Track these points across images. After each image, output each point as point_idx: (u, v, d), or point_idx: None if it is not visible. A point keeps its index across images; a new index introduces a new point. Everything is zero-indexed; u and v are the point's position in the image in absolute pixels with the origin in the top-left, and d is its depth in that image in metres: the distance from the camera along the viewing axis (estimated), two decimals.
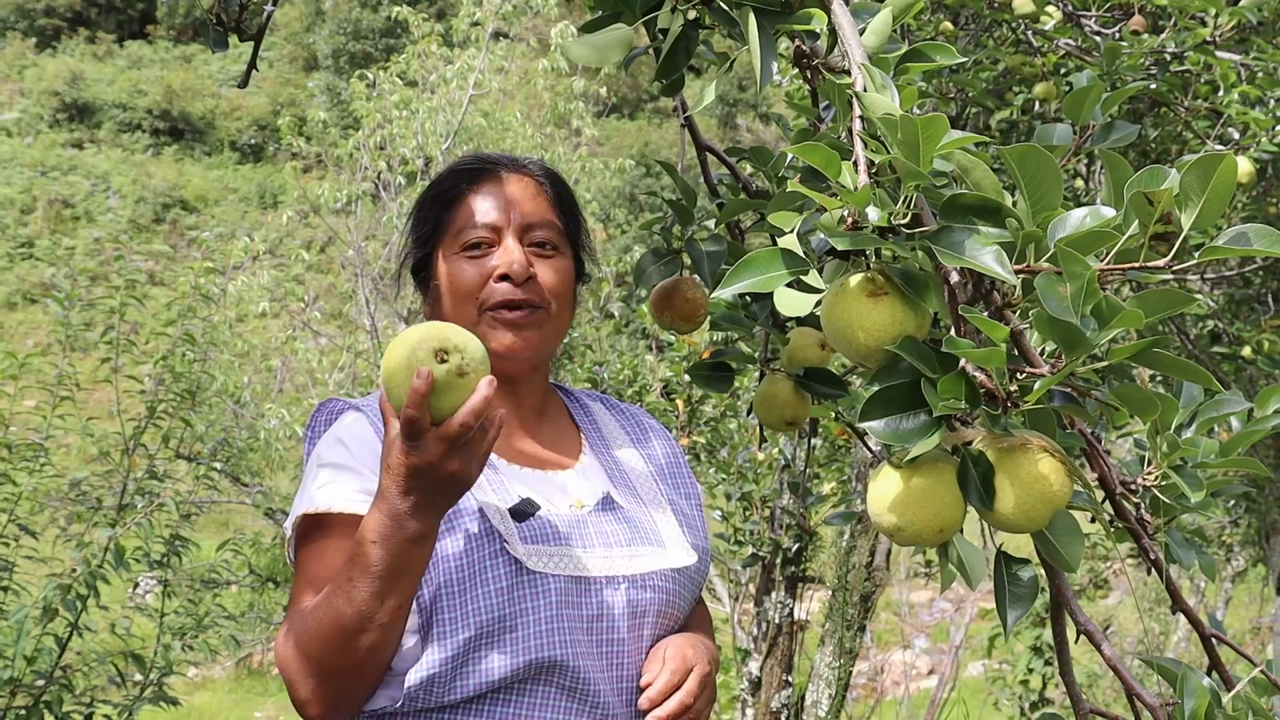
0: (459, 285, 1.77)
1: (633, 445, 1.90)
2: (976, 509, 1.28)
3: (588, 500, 1.76)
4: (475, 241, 1.77)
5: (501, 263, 1.75)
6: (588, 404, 1.95)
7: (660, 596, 1.72)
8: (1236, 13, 3.41)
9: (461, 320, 1.73)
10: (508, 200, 1.80)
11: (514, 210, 1.80)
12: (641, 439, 1.93)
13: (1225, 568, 8.70)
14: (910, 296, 1.27)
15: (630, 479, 1.84)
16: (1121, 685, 1.34)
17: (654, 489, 1.84)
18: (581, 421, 1.91)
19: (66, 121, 27.94)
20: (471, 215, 1.79)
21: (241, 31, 1.88)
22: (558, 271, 1.80)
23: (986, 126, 4.32)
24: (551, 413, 1.89)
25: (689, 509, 1.87)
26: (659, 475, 1.88)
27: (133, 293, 5.26)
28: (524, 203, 1.81)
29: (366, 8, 28.66)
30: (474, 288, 1.76)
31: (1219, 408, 1.51)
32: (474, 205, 1.79)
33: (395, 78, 10.74)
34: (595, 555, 1.67)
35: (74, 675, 4.47)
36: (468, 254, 1.77)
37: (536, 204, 1.82)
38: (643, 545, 1.73)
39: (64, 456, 7.52)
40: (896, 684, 9.49)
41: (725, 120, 27.45)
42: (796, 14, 1.48)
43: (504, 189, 1.81)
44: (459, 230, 1.79)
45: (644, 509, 1.80)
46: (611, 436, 1.90)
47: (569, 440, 1.87)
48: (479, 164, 1.85)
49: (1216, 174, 1.14)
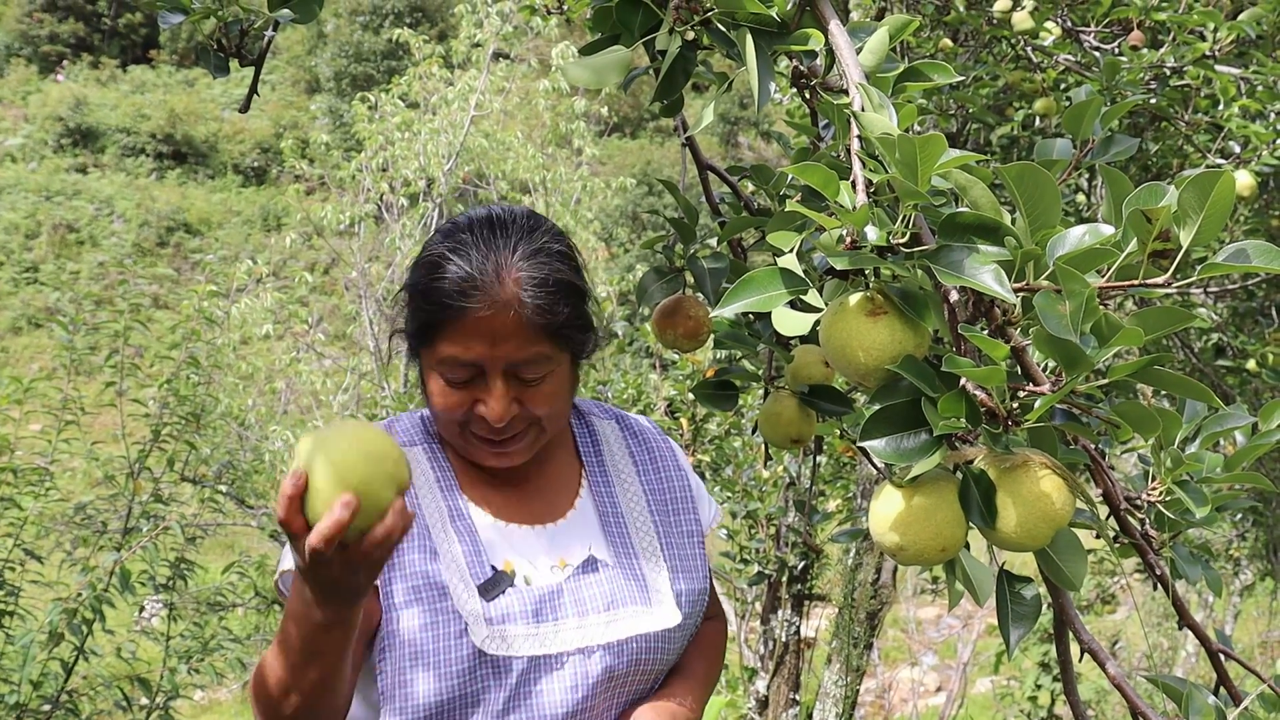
0: (441, 405, 1.69)
1: (637, 476, 1.86)
2: (978, 528, 1.28)
3: (572, 559, 1.73)
4: (459, 376, 1.66)
5: (482, 406, 1.66)
6: (597, 427, 1.90)
7: (638, 659, 1.70)
8: (1235, 27, 3.42)
9: (445, 430, 1.71)
10: (492, 336, 1.63)
11: (498, 348, 1.64)
12: (649, 466, 1.88)
13: (1233, 582, 8.66)
14: (909, 315, 1.27)
15: (625, 523, 1.79)
16: None
17: (649, 534, 1.80)
18: (585, 453, 1.86)
19: (70, 146, 28.03)
20: (454, 348, 1.65)
21: (242, 57, 1.88)
22: (548, 393, 1.69)
23: (987, 142, 4.33)
24: (555, 447, 1.84)
25: (688, 547, 1.82)
26: (661, 509, 1.83)
27: (137, 316, 5.28)
28: (510, 339, 1.64)
29: (368, 30, 28.76)
30: (456, 412, 1.68)
31: (1223, 422, 1.51)
32: (457, 338, 1.64)
33: (397, 99, 10.79)
34: (568, 626, 1.66)
35: (80, 700, 4.46)
36: (451, 378, 1.67)
37: (522, 337, 1.65)
38: (624, 607, 1.71)
39: (69, 480, 7.53)
40: (904, 701, 9.45)
41: (727, 138, 27.49)
42: (793, 34, 1.48)
43: (490, 324, 1.63)
44: (441, 359, 1.66)
45: (633, 561, 1.76)
46: (615, 469, 1.86)
47: (567, 480, 1.82)
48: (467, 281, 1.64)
49: (1214, 191, 1.14)
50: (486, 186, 11.32)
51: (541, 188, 10.82)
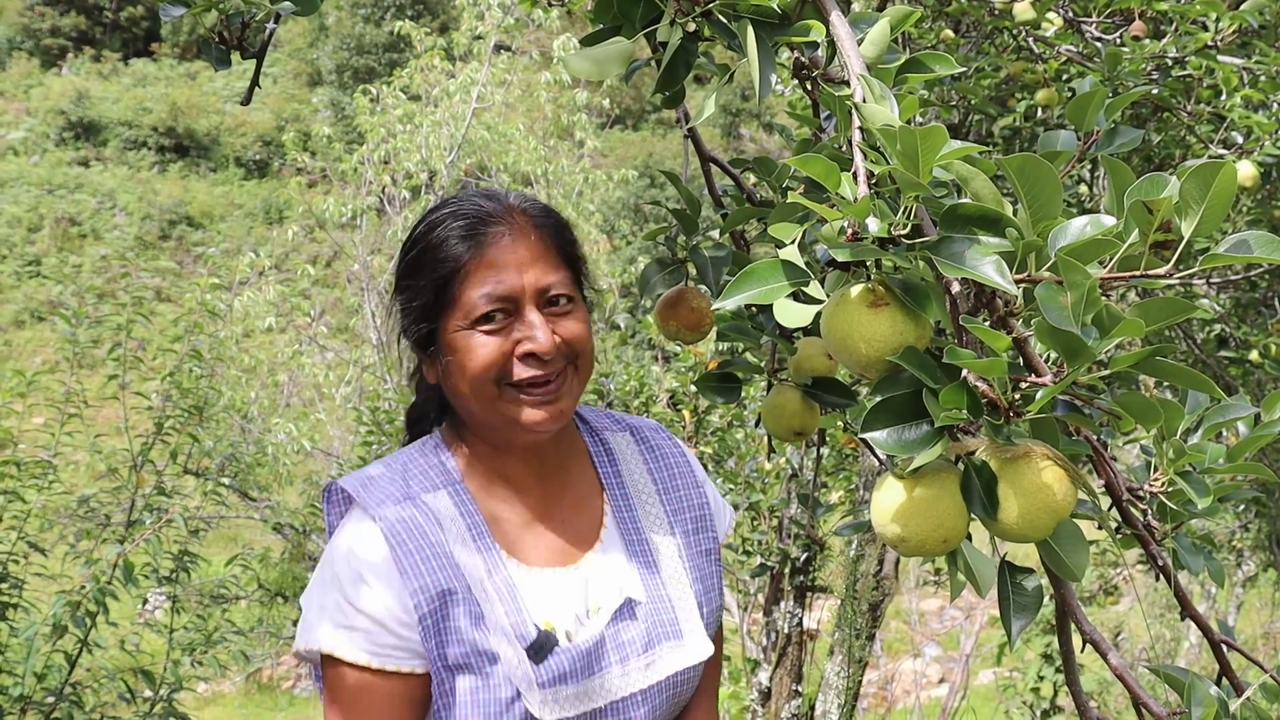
0: (478, 364, 1.59)
1: (658, 496, 1.81)
2: (980, 519, 1.28)
3: (605, 602, 1.69)
4: (490, 314, 1.60)
5: (527, 342, 1.60)
6: (612, 443, 1.83)
7: (674, 693, 1.71)
8: (1237, 17, 3.41)
9: (478, 398, 1.61)
10: (518, 263, 1.61)
11: (526, 274, 1.61)
12: (668, 484, 1.82)
13: (1236, 573, 8.67)
14: (911, 307, 1.27)
15: (650, 550, 1.75)
16: None
17: (674, 559, 1.76)
18: (604, 473, 1.79)
19: (72, 140, 28.04)
20: (483, 287, 1.60)
21: (244, 49, 1.88)
22: (580, 322, 1.65)
23: (989, 134, 4.32)
24: (574, 466, 1.77)
25: (708, 565, 1.80)
26: (683, 529, 1.80)
27: (140, 309, 5.28)
28: (535, 264, 1.62)
29: (369, 23, 28.73)
30: (495, 366, 1.59)
31: (1225, 413, 1.51)
32: (483, 275, 1.60)
33: (399, 92, 10.79)
34: (612, 676, 1.65)
35: (84, 692, 4.47)
36: (482, 328, 1.60)
37: (547, 261, 1.64)
38: (660, 645, 1.70)
39: (72, 473, 7.53)
40: (907, 693, 9.46)
41: (729, 130, 27.47)
42: (795, 25, 1.48)
43: (513, 250, 1.61)
44: (469, 305, 1.60)
45: (662, 593, 1.73)
46: (636, 490, 1.80)
47: (591, 503, 1.77)
48: (476, 218, 1.64)
49: (1216, 181, 1.14)
50: (488, 179, 11.32)
51: (543, 180, 10.81)
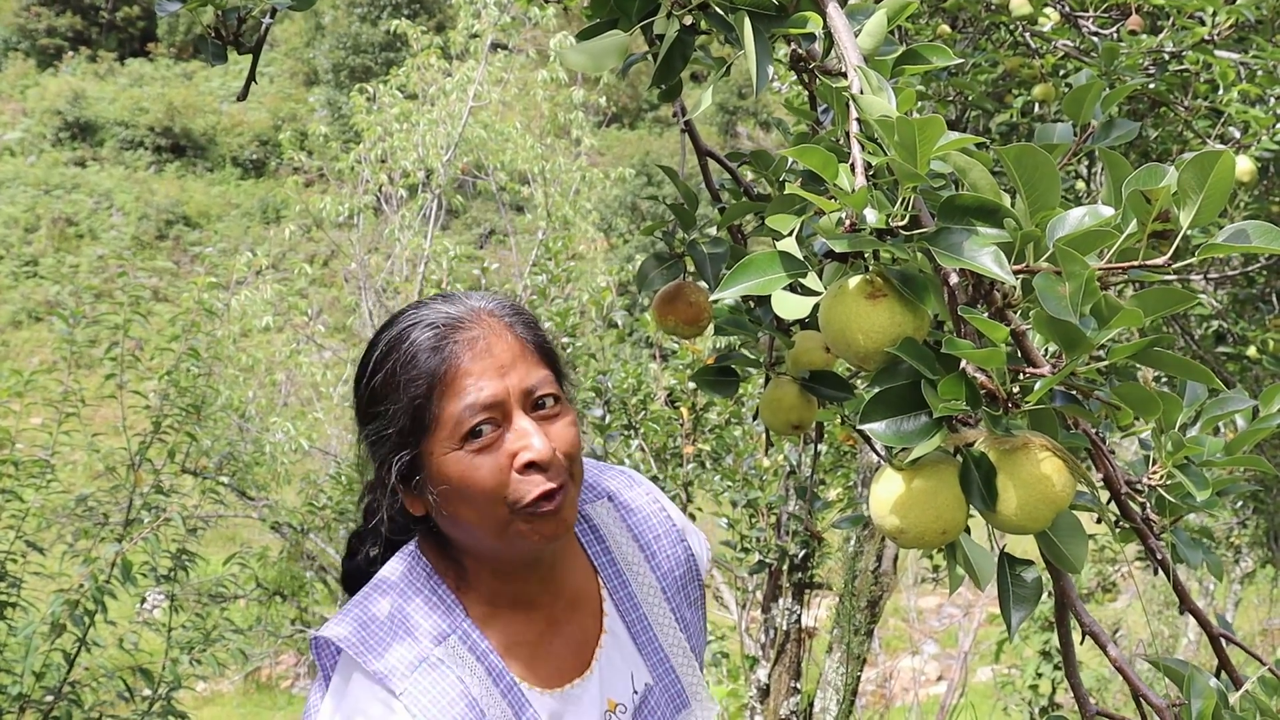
0: (480, 488, 1.48)
1: (647, 564, 1.73)
2: (979, 510, 1.28)
3: (622, 697, 1.64)
4: (477, 428, 1.48)
5: (524, 452, 1.48)
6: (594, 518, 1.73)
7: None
8: (1234, 11, 3.41)
9: (490, 522, 1.50)
10: (498, 367, 1.50)
11: (509, 378, 1.50)
12: (653, 547, 1.75)
13: (1234, 569, 8.67)
14: (909, 298, 1.27)
15: (651, 626, 1.70)
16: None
17: (673, 630, 1.71)
18: (594, 553, 1.71)
19: (69, 140, 28.02)
20: (464, 398, 1.47)
21: (240, 45, 1.88)
22: (570, 426, 1.54)
23: (986, 129, 4.32)
24: (568, 556, 1.68)
25: (695, 616, 1.77)
26: (673, 590, 1.74)
27: (137, 309, 5.28)
28: (515, 366, 1.51)
29: (366, 22, 28.72)
30: (499, 486, 1.47)
31: (1223, 406, 1.51)
32: (462, 386, 1.48)
33: (395, 91, 10.78)
34: None
35: (82, 691, 4.47)
36: (473, 445, 1.48)
37: (526, 360, 1.53)
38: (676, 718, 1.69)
39: (70, 473, 7.53)
40: (905, 690, 9.47)
41: (726, 128, 27.48)
42: (792, 17, 1.48)
43: (490, 353, 1.50)
44: (453, 422, 1.47)
45: (668, 668, 1.70)
46: (627, 564, 1.72)
47: (588, 593, 1.69)
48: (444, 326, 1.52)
49: (1214, 171, 1.14)
50: (485, 177, 11.31)
51: (540, 178, 10.81)
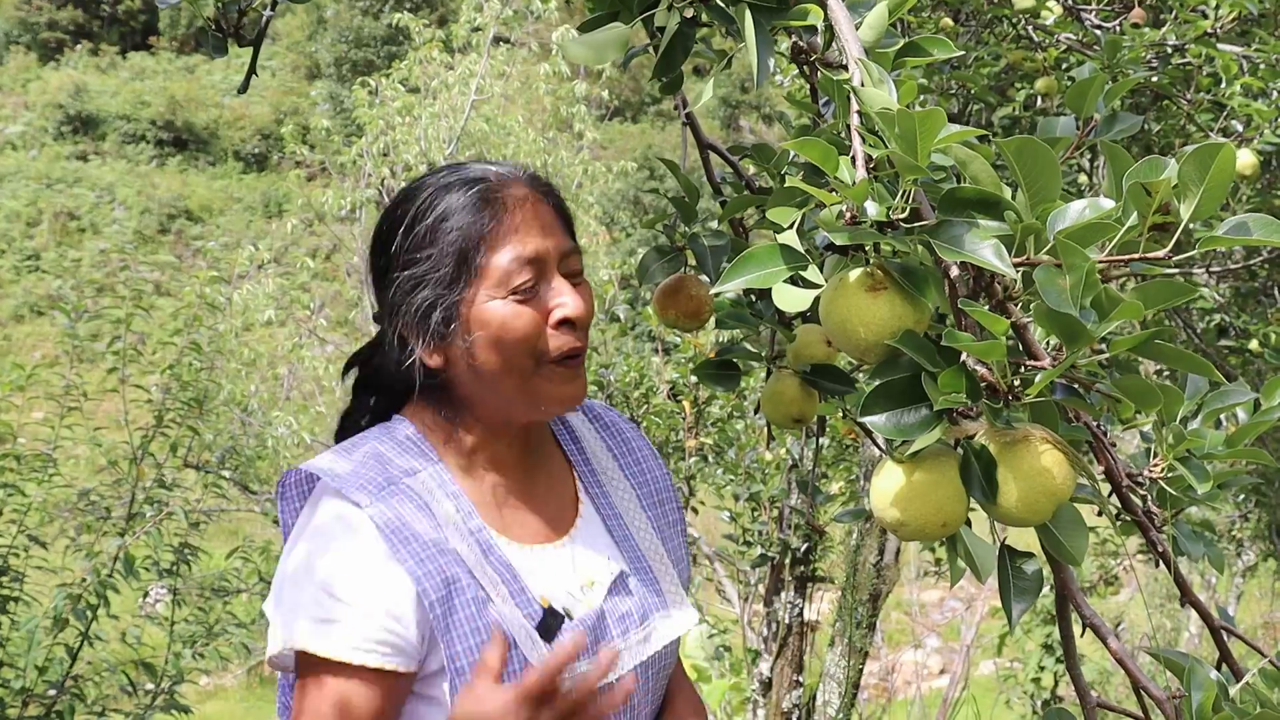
0: (517, 336, 1.52)
1: (622, 473, 1.78)
2: (979, 503, 1.28)
3: (599, 576, 1.66)
4: (526, 283, 1.52)
5: (560, 308, 1.54)
6: (571, 420, 1.79)
7: (664, 665, 1.71)
8: (1237, 4, 3.40)
9: (514, 374, 1.54)
10: (541, 227, 1.55)
11: (549, 239, 1.55)
12: (628, 459, 1.80)
13: (1235, 562, 8.67)
14: (910, 291, 1.27)
15: (626, 526, 1.73)
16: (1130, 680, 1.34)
17: (649, 533, 1.75)
18: (570, 452, 1.76)
19: (71, 134, 28.01)
20: (517, 251, 1.52)
21: (240, 37, 1.88)
22: (591, 297, 1.60)
23: (988, 123, 4.32)
24: (546, 447, 1.73)
25: (675, 538, 1.79)
26: (650, 504, 1.78)
27: (139, 303, 5.28)
28: (554, 230, 1.57)
29: (368, 15, 28.71)
30: (534, 336, 1.53)
31: (1225, 399, 1.50)
32: (514, 239, 1.53)
33: (397, 84, 10.76)
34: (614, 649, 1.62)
35: (85, 685, 4.48)
36: (517, 296, 1.52)
37: (561, 229, 1.59)
38: (652, 616, 1.68)
39: (73, 467, 7.54)
40: (908, 684, 9.47)
41: (727, 122, 27.44)
42: (793, 9, 1.48)
43: (536, 215, 1.56)
44: (501, 271, 1.52)
45: (644, 565, 1.72)
46: (602, 469, 1.77)
47: (564, 481, 1.73)
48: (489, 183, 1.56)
49: (1215, 164, 1.14)
50: None
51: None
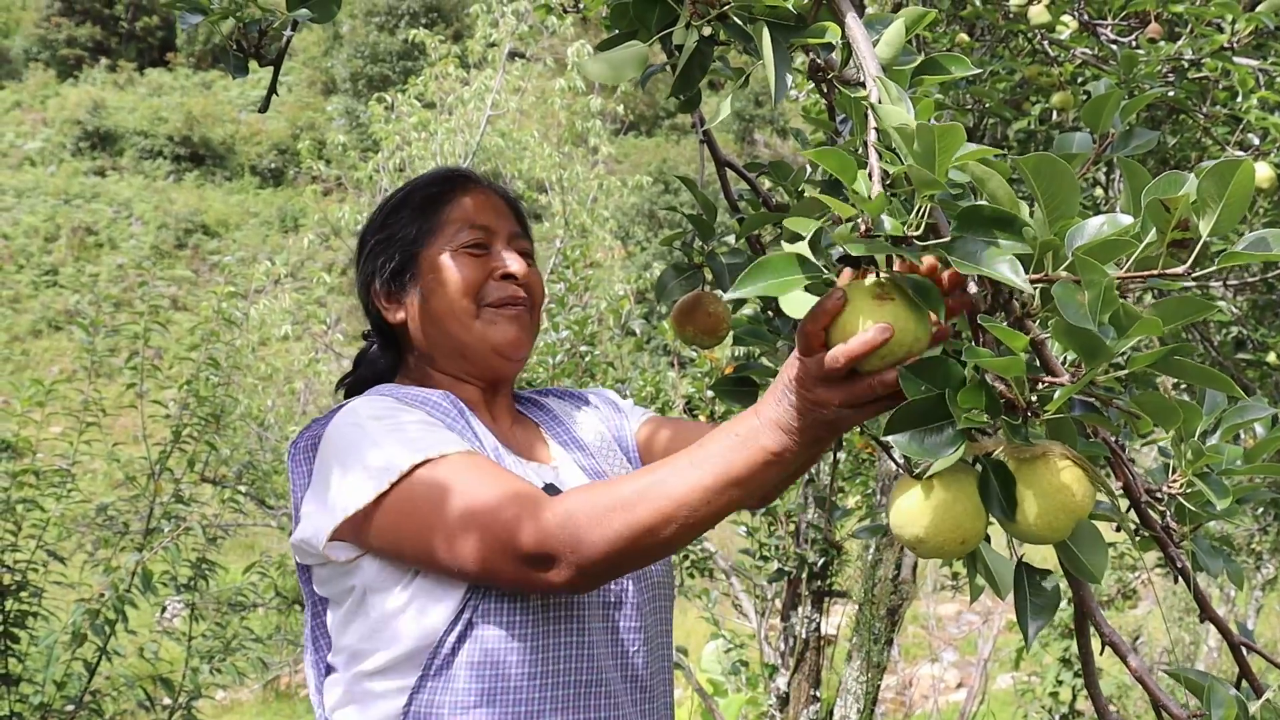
0: (462, 280, 1.82)
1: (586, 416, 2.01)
2: (998, 520, 1.27)
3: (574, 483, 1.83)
4: (474, 241, 1.85)
5: (503, 267, 1.85)
6: (536, 401, 2.03)
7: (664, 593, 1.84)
8: (1254, 18, 3.40)
9: (458, 315, 1.82)
10: (494, 210, 1.90)
11: (500, 220, 1.90)
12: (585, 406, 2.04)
13: (1255, 576, 8.61)
14: (917, 303, 1.27)
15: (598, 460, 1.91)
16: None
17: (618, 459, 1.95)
18: (535, 416, 1.98)
19: (89, 150, 28.18)
20: (468, 215, 1.86)
21: (261, 57, 1.89)
22: (540, 276, 1.91)
23: (1004, 137, 4.32)
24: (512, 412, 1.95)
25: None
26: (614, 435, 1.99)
27: (156, 318, 5.31)
28: (507, 216, 1.92)
29: (384, 31, 28.83)
30: (476, 284, 1.83)
31: (1243, 414, 1.50)
32: (467, 207, 1.88)
33: (413, 100, 10.79)
34: None
35: (103, 700, 4.49)
36: (468, 251, 1.84)
37: (513, 216, 1.94)
38: None
39: (90, 482, 7.57)
40: (925, 698, 9.43)
41: (743, 136, 27.47)
42: (810, 27, 1.48)
43: (490, 201, 1.91)
44: (456, 230, 1.85)
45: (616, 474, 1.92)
46: (567, 416, 1.99)
47: (535, 437, 1.93)
48: (453, 174, 1.95)
49: (1234, 180, 1.13)
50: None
51: (558, 186, 10.82)
